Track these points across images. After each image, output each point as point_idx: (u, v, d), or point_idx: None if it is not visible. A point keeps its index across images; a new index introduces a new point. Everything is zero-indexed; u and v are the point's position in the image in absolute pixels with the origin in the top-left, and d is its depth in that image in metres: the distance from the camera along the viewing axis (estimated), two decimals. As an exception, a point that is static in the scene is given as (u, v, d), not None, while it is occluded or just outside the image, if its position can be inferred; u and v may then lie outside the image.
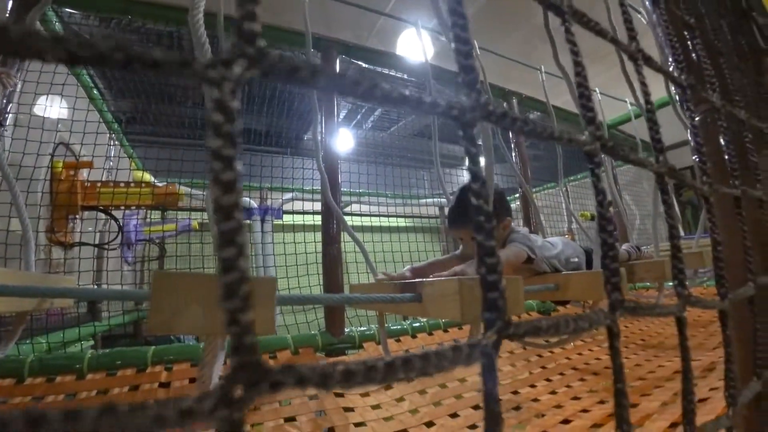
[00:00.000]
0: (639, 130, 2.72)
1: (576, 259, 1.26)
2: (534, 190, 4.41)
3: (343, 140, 4.56)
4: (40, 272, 1.92)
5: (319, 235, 1.85)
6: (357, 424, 1.15)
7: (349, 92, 0.17)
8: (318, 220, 1.85)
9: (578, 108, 0.28)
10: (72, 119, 1.98)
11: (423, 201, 4.51)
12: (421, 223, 4.77)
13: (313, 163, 1.42)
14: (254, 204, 4.15)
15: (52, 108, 2.07)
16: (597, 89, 2.99)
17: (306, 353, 1.55)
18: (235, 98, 0.14)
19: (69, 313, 1.76)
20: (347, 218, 1.19)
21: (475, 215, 0.19)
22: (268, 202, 4.30)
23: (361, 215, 3.67)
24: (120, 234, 2.49)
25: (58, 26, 1.95)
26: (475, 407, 1.26)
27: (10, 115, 1.58)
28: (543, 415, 1.17)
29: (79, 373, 1.30)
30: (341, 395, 1.31)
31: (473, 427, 1.14)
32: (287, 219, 4.16)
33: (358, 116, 4.48)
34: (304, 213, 2.55)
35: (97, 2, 1.93)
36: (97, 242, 2.55)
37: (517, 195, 3.64)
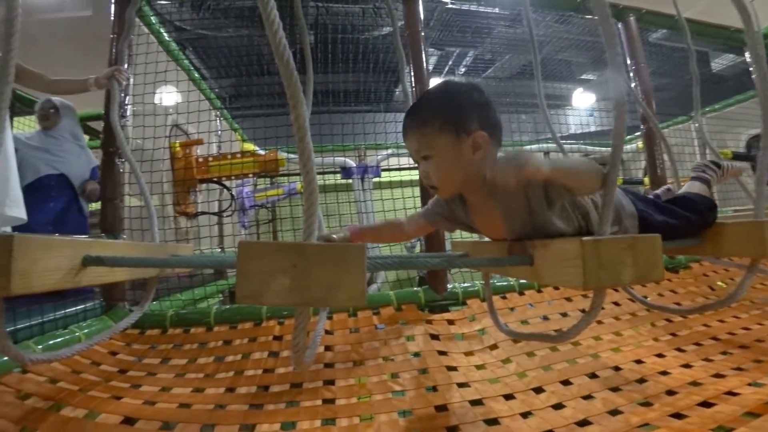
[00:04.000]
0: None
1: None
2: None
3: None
4: (172, 239, 2.20)
5: (418, 190, 1.80)
6: (460, 384, 1.12)
7: None
8: (416, 175, 1.79)
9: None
10: (177, 102, 2.14)
11: (527, 147, 4.11)
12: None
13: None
14: (352, 163, 4.25)
15: (166, 96, 2.29)
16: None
17: (409, 309, 1.54)
18: None
19: (196, 274, 2.01)
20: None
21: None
22: (366, 160, 4.37)
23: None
24: (233, 202, 2.72)
25: (155, 19, 2.11)
26: (592, 375, 1.14)
27: (129, 106, 1.77)
28: (674, 393, 1.00)
29: (208, 326, 1.48)
30: (444, 353, 1.29)
31: (588, 397, 1.02)
32: (385, 176, 4.19)
33: (449, 63, 4.23)
34: (401, 169, 2.53)
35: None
36: (216, 210, 2.84)
37: (638, 133, 3.15)
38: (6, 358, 0.92)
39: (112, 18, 1.74)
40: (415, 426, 0.94)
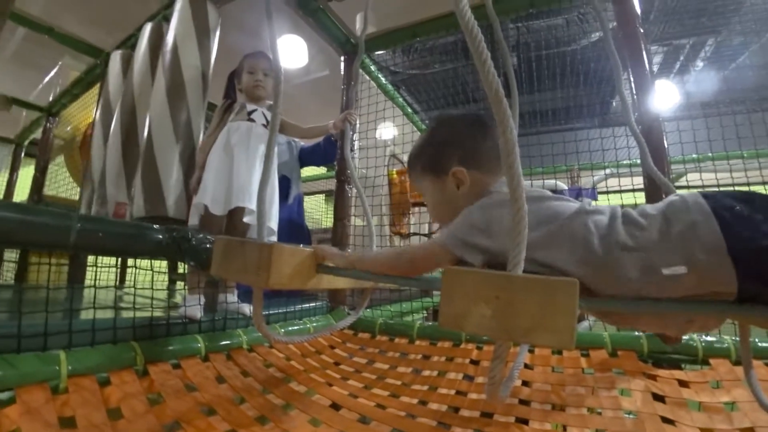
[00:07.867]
0: None
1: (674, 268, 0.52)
2: None
3: (663, 95, 3.66)
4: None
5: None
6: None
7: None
8: (641, 197, 1.55)
9: None
10: (394, 135, 2.42)
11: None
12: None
13: (626, 130, 1.19)
14: (564, 186, 3.95)
15: (385, 130, 2.66)
16: None
17: (626, 357, 1.31)
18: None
19: (405, 289, 2.20)
20: (683, 192, 0.90)
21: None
22: (580, 182, 3.99)
23: (703, 187, 2.81)
24: (441, 224, 2.89)
25: (373, 68, 2.48)
26: None
27: (356, 141, 2.11)
28: None
29: (410, 338, 1.59)
30: (671, 422, 1.03)
31: None
32: (602, 199, 3.74)
33: (680, 58, 3.51)
34: (622, 191, 2.20)
35: (392, 38, 2.32)
36: (426, 232, 3.07)
37: None
38: (260, 334, 1.20)
39: (342, 73, 2.12)
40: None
